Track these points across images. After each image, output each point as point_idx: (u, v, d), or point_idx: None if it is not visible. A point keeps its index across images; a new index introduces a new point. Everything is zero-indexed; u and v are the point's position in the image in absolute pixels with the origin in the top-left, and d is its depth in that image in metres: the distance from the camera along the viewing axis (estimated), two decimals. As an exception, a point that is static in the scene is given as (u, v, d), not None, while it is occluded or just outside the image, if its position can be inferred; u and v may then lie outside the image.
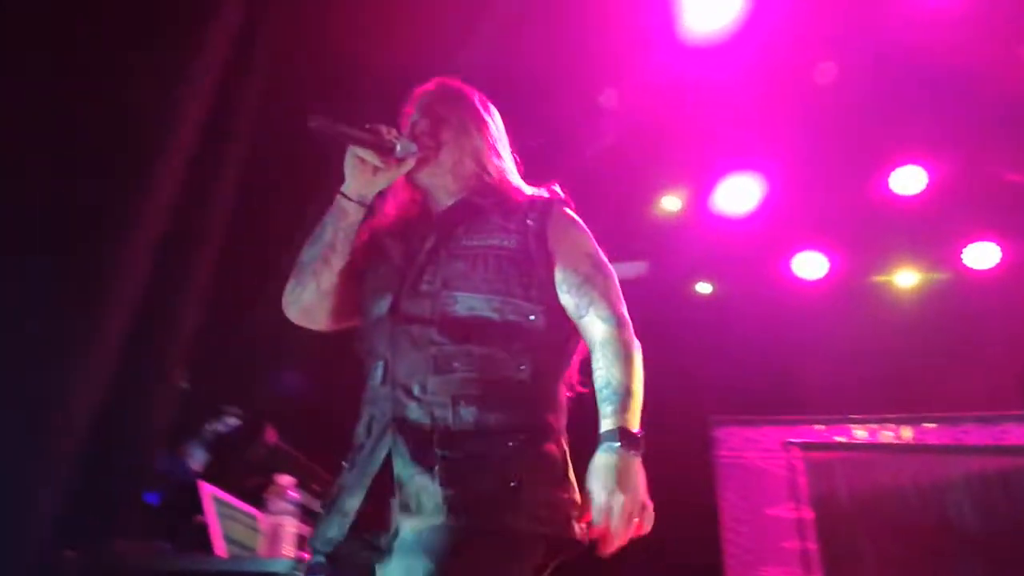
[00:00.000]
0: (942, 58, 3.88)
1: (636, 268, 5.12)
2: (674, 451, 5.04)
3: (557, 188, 1.75)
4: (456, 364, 1.50)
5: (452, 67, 3.63)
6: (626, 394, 1.47)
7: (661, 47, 3.93)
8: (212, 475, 2.66)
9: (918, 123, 4.24)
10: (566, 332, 1.61)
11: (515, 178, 1.79)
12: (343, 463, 1.58)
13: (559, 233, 1.65)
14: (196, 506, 2.32)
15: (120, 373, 2.45)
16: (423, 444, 1.43)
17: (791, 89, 4.16)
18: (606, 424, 1.45)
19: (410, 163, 1.66)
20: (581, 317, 1.58)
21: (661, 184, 4.94)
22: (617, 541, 1.37)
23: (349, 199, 1.65)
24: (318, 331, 1.77)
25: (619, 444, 1.40)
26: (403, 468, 1.42)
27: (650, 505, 1.39)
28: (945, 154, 4.47)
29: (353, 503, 1.45)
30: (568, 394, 1.62)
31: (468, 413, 1.46)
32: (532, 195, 1.74)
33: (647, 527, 1.39)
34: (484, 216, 1.66)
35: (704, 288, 5.37)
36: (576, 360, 1.64)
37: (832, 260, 5.08)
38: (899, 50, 3.91)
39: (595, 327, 1.56)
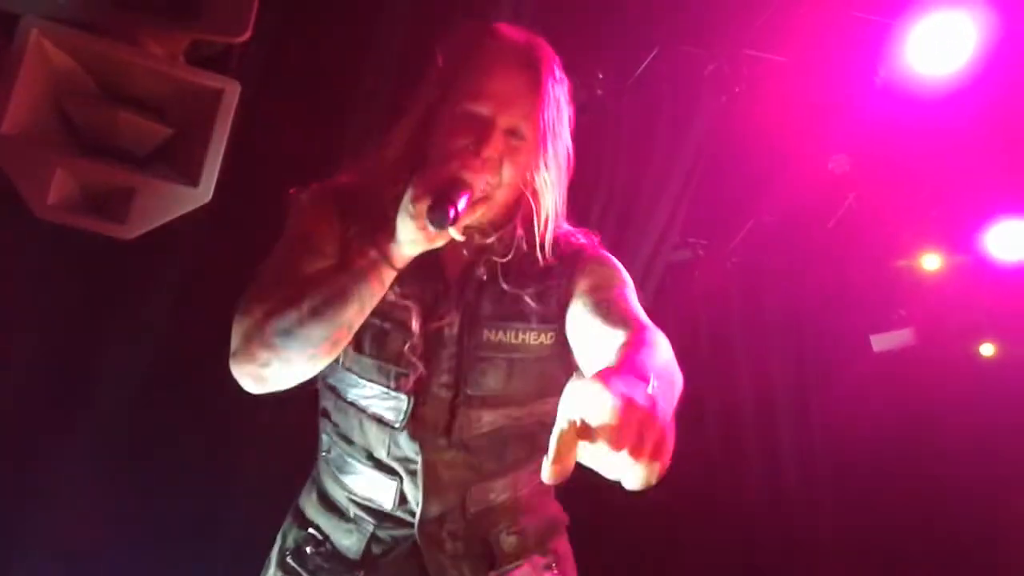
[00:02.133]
0: None
1: (900, 338, 4.70)
2: (997, 538, 4.40)
3: (592, 239, 1.41)
4: (492, 495, 1.34)
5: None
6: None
7: (889, 100, 3.70)
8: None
9: None
10: None
11: (557, 221, 1.36)
12: None
13: (584, 276, 1.32)
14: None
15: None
16: None
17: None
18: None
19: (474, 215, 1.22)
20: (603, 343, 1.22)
21: (914, 244, 4.56)
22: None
23: (394, 268, 1.19)
24: None
25: None
26: None
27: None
28: None
29: None
30: None
31: (509, 544, 1.36)
32: (564, 250, 1.35)
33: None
34: (515, 296, 1.30)
35: (987, 350, 4.79)
36: None
37: None
38: None
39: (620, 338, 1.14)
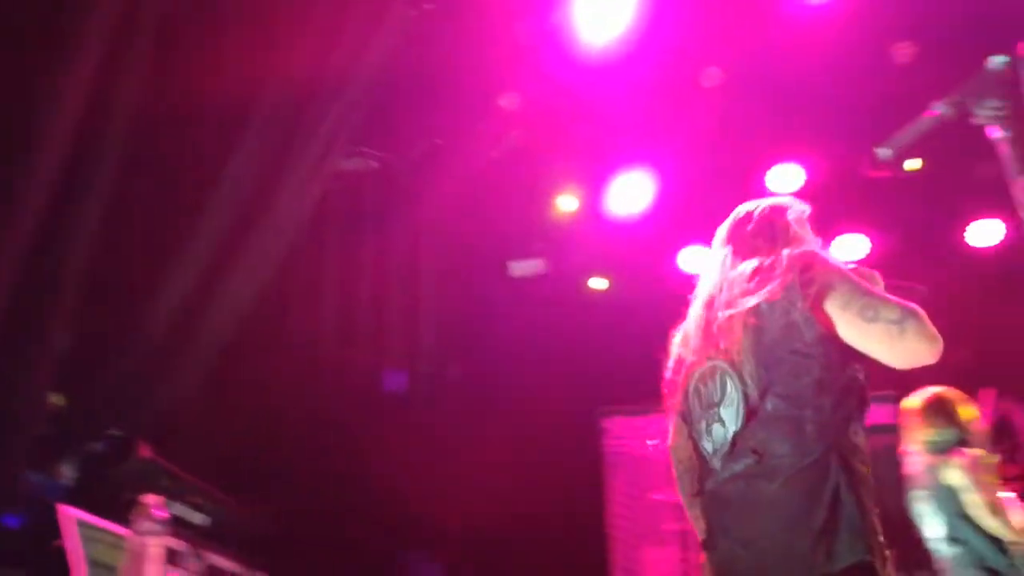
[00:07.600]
0: (819, 60, 4.04)
1: (534, 266, 5.15)
2: (566, 442, 5.16)
3: None
4: None
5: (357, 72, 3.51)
6: None
7: (558, 52, 3.97)
8: (85, 492, 2.51)
9: (797, 123, 4.41)
10: None
11: None
12: None
13: None
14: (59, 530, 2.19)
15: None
16: None
17: (681, 94, 4.28)
18: None
19: None
20: None
21: (559, 184, 4.97)
22: None
23: None
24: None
25: None
26: None
27: None
28: (820, 152, 4.65)
29: None
30: None
31: None
32: None
33: None
34: None
35: (599, 284, 5.42)
36: None
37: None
38: (779, 54, 4.07)
39: None
